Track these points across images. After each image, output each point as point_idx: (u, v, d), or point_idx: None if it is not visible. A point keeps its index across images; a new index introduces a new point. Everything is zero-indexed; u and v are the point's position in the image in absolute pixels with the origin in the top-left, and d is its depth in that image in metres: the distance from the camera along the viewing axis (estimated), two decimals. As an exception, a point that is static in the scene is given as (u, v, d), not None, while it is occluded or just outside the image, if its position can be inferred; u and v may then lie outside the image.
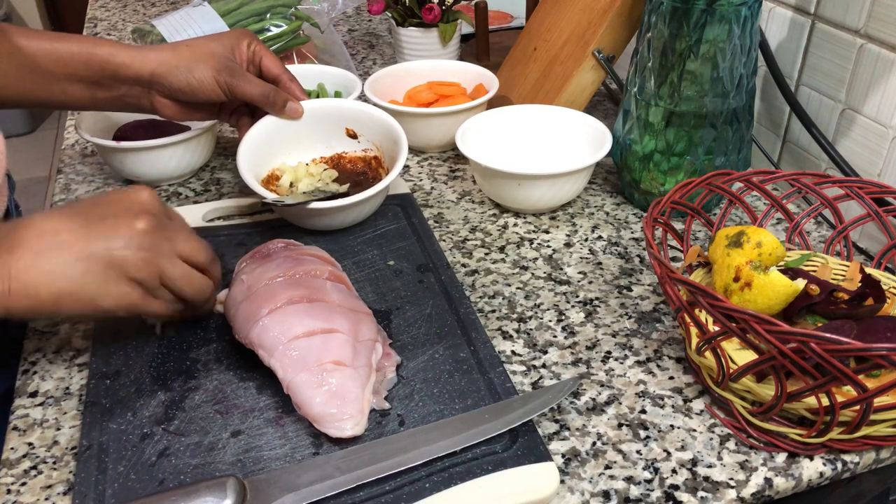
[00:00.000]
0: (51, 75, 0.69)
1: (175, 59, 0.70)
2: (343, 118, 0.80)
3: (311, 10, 1.04)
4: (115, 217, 0.53)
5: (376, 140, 0.80)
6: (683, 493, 0.50)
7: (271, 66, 0.75)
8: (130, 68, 0.69)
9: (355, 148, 0.81)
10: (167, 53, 0.70)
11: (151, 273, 0.53)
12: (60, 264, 0.50)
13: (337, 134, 0.80)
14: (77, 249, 0.51)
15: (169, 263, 0.54)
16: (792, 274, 0.59)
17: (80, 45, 0.69)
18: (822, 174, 0.65)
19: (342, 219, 0.73)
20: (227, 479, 0.46)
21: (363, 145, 0.81)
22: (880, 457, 0.54)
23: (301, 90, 0.77)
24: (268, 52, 0.75)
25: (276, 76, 0.75)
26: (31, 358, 0.62)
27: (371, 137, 0.80)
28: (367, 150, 0.81)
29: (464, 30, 1.13)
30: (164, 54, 0.70)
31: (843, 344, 0.44)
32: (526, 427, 0.52)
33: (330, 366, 0.53)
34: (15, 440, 0.55)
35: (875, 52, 0.71)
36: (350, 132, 0.80)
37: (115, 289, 0.52)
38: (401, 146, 0.74)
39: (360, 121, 0.80)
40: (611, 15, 0.83)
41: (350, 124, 0.80)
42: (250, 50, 0.74)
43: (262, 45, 0.74)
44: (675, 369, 0.61)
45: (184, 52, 0.71)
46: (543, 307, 0.67)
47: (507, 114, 0.86)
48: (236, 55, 0.73)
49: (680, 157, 0.74)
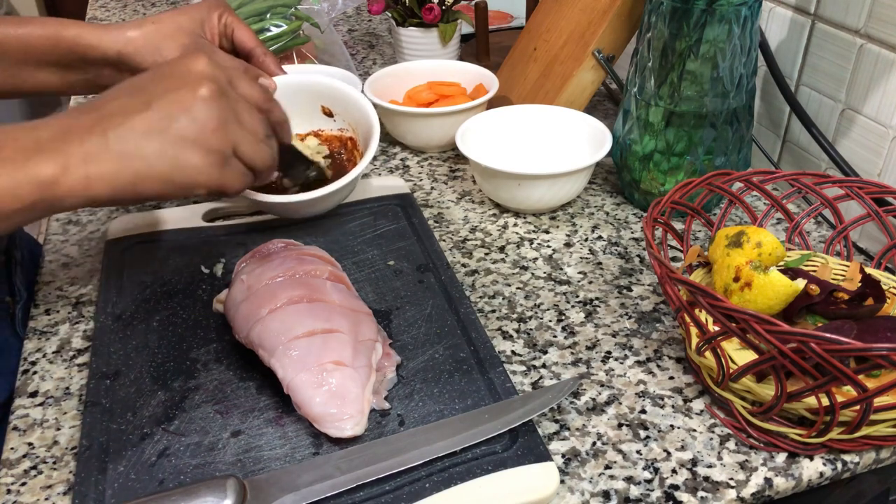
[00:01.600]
0: (20, 62, 0.67)
1: (141, 37, 0.67)
2: (318, 95, 0.78)
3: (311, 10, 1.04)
4: (176, 90, 0.52)
5: (351, 121, 0.78)
6: (683, 493, 0.50)
7: (244, 38, 0.71)
8: (98, 49, 0.67)
9: (331, 126, 0.79)
10: (134, 31, 0.67)
11: (222, 139, 0.52)
12: (133, 146, 0.50)
13: (313, 111, 0.78)
14: (146, 128, 0.50)
15: (238, 126, 0.53)
16: (792, 274, 0.59)
17: (46, 29, 0.66)
18: (822, 174, 0.65)
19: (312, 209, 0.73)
20: (227, 479, 0.46)
21: (339, 125, 0.79)
22: (880, 457, 0.54)
23: (276, 64, 0.74)
24: (241, 23, 0.71)
25: (250, 50, 0.72)
26: (31, 358, 0.62)
27: (346, 118, 0.78)
28: (343, 129, 0.79)
29: (464, 30, 1.13)
30: (131, 33, 0.67)
31: (843, 344, 0.44)
32: (526, 427, 0.52)
33: (330, 366, 0.53)
34: (15, 440, 0.55)
35: (875, 52, 0.71)
36: (326, 110, 0.79)
37: (191, 162, 0.51)
38: (373, 129, 0.72)
39: (334, 99, 0.78)
40: (611, 15, 0.83)
41: (325, 102, 0.78)
42: (221, 22, 0.70)
43: (234, 17, 0.71)
44: (675, 369, 0.61)
45: (149, 29, 0.67)
46: (543, 307, 0.67)
47: (507, 114, 0.86)
48: (206, 29, 0.70)
49: (680, 157, 0.74)
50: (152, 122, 0.50)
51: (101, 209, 0.81)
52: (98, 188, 0.49)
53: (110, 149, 0.49)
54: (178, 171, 0.51)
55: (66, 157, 0.48)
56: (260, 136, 0.55)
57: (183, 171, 0.51)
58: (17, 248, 0.75)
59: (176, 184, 0.51)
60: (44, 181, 0.47)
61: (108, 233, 0.74)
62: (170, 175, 0.51)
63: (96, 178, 0.49)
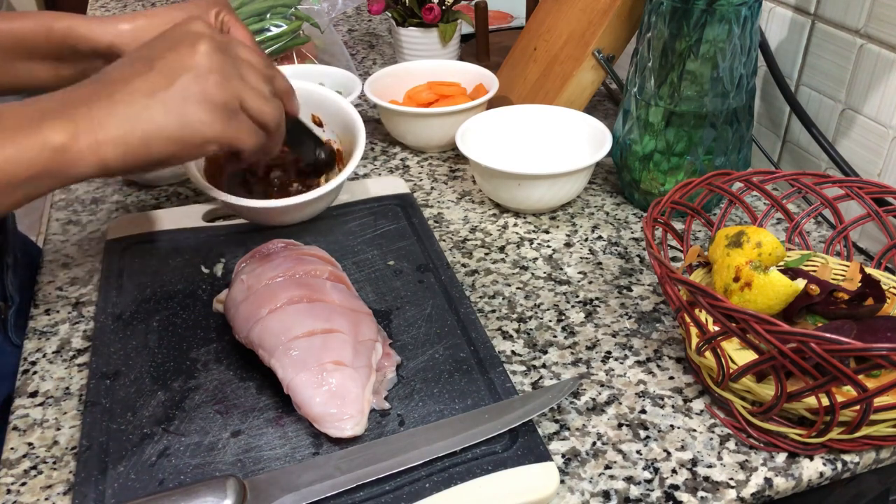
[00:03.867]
0: (12, 55, 0.66)
1: (133, 30, 0.65)
2: (308, 103, 0.77)
3: (311, 10, 1.04)
4: (175, 49, 0.52)
5: (339, 131, 0.78)
6: (683, 493, 0.50)
7: (240, 38, 0.69)
8: (89, 40, 0.65)
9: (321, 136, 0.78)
10: (126, 24, 0.65)
11: (227, 92, 0.52)
12: (139, 107, 0.50)
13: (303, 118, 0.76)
14: (150, 89, 0.50)
15: (241, 81, 0.53)
16: (792, 274, 0.59)
17: (38, 21, 0.65)
18: (822, 174, 0.65)
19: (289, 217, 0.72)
20: (227, 479, 0.46)
21: (328, 135, 0.79)
22: (880, 457, 0.54)
23: None
24: (238, 22, 0.69)
25: None
26: (31, 358, 0.62)
27: (335, 128, 0.78)
28: (332, 140, 0.78)
29: (464, 30, 1.13)
30: (123, 25, 0.65)
31: (843, 344, 0.44)
32: (526, 427, 0.52)
33: (330, 366, 0.53)
34: (15, 440, 0.55)
35: (875, 52, 0.71)
36: (316, 119, 0.78)
37: (197, 117, 0.51)
38: (359, 142, 0.72)
39: (324, 108, 0.77)
40: (611, 15, 0.83)
41: (315, 111, 0.78)
42: (218, 20, 0.68)
43: (233, 15, 0.69)
44: (675, 369, 0.61)
45: (142, 23, 0.65)
46: (543, 307, 0.67)
47: (507, 114, 0.86)
48: None
49: (680, 157, 0.74)
50: (155, 82, 0.50)
51: (102, 209, 0.81)
52: (108, 152, 0.49)
53: (117, 112, 0.49)
54: (186, 128, 0.51)
55: (75, 123, 0.48)
56: (265, 94, 0.55)
57: (191, 127, 0.51)
58: (9, 253, 0.75)
59: (186, 141, 0.51)
60: (54, 147, 0.47)
61: (108, 233, 0.74)
62: (179, 133, 0.51)
63: (106, 141, 0.49)
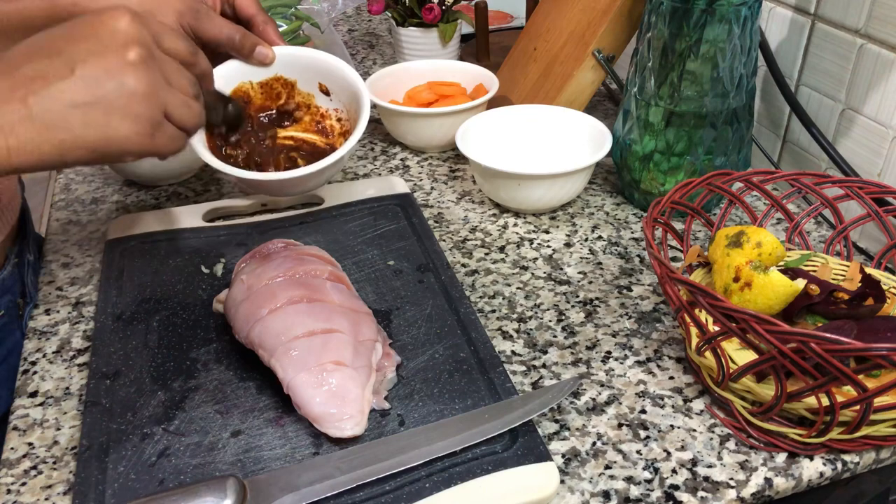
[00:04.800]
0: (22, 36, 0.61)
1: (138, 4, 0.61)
2: (317, 72, 0.72)
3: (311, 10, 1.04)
4: (101, 54, 0.48)
5: (346, 102, 0.74)
6: (683, 493, 0.50)
7: (245, 4, 0.67)
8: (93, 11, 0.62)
9: (328, 105, 0.75)
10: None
11: (153, 105, 0.49)
12: (58, 117, 0.46)
13: (311, 87, 0.74)
14: (71, 98, 0.46)
15: (167, 89, 0.50)
16: (792, 274, 0.59)
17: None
18: (822, 174, 0.65)
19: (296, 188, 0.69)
20: (227, 479, 0.46)
21: (335, 104, 0.75)
22: (880, 457, 0.54)
23: (277, 34, 0.69)
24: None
25: (251, 16, 0.68)
26: (31, 358, 0.62)
27: (342, 98, 0.74)
28: (339, 110, 0.75)
29: (464, 30, 1.13)
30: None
31: (843, 344, 0.44)
32: (526, 427, 0.52)
33: (330, 366, 0.53)
34: (15, 440, 0.55)
35: (875, 52, 0.71)
36: (323, 88, 0.74)
37: (120, 132, 0.48)
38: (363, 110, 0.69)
39: (332, 77, 0.73)
40: (611, 15, 0.83)
41: (323, 79, 0.74)
42: None
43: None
44: (675, 369, 0.61)
45: None
46: (543, 307, 0.67)
47: (507, 114, 0.86)
48: None
49: (680, 157, 0.74)
50: (78, 90, 0.47)
51: (102, 209, 0.81)
52: (20, 159, 0.46)
53: (33, 119, 0.46)
54: (106, 141, 0.48)
55: None
56: (189, 95, 0.53)
57: (112, 141, 0.48)
58: (29, 251, 0.75)
59: (104, 153, 0.49)
60: None
61: (108, 233, 0.74)
62: (97, 145, 0.48)
63: (17, 149, 0.46)
